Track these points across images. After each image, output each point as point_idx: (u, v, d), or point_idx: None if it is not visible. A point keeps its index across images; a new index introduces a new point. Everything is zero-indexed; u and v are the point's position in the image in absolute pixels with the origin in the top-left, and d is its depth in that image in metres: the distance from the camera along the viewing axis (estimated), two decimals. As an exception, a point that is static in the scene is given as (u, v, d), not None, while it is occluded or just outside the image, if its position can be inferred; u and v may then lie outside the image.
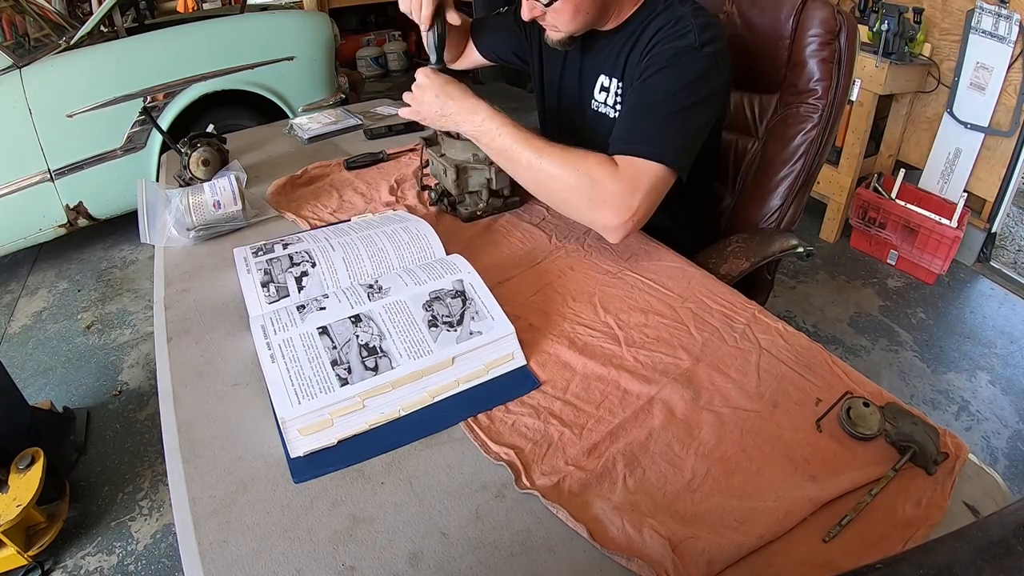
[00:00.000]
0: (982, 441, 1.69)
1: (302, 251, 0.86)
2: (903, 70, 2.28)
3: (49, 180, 2.31)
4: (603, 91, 1.06)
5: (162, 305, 0.88)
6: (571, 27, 0.97)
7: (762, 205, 1.16)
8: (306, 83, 2.67)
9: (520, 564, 0.53)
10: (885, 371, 1.94)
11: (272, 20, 2.69)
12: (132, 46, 2.38)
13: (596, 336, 0.78)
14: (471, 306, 0.75)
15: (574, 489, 0.58)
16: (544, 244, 0.99)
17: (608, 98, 1.05)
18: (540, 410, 0.67)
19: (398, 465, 0.62)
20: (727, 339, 0.77)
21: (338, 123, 1.50)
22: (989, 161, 2.27)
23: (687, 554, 0.52)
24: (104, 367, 2.03)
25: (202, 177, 1.16)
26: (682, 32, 0.91)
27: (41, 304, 2.39)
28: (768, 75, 1.15)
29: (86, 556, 1.44)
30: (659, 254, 0.95)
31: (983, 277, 2.39)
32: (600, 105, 1.07)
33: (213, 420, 0.68)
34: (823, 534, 0.54)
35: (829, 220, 2.60)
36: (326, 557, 0.53)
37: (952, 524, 0.54)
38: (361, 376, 0.66)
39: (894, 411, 0.63)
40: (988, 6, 2.11)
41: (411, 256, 0.87)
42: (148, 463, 1.67)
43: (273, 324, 0.72)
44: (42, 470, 1.40)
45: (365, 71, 4.92)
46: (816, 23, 1.07)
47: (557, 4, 0.92)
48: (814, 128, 1.09)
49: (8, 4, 2.44)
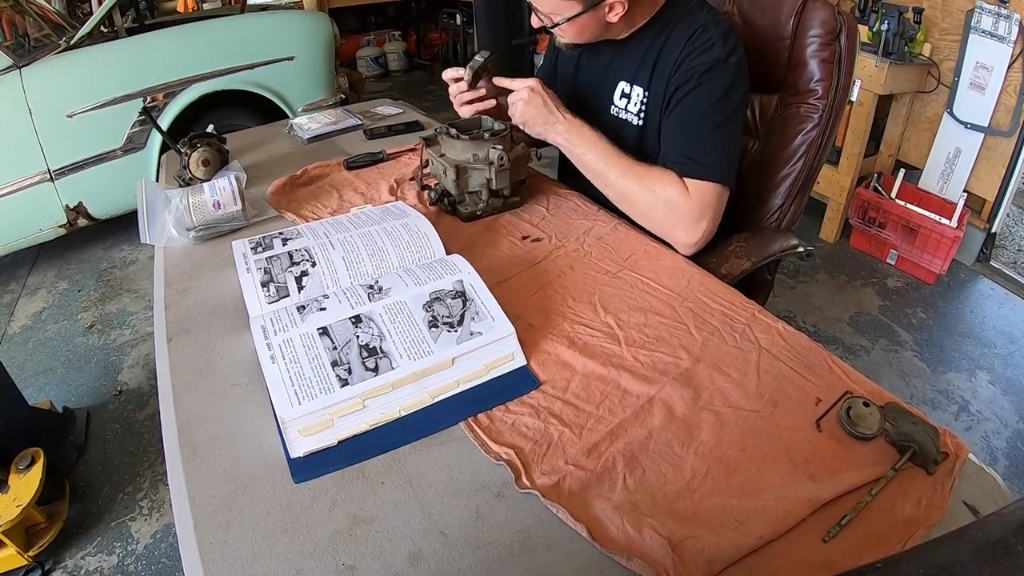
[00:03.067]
0: (982, 441, 1.69)
1: (302, 249, 0.86)
2: (903, 70, 2.28)
3: (49, 180, 2.30)
4: (623, 97, 1.08)
5: (162, 305, 0.88)
6: (577, 41, 1.04)
7: (762, 205, 1.16)
8: (306, 83, 2.67)
9: (520, 564, 0.53)
10: (885, 371, 1.94)
11: (272, 20, 2.69)
12: (132, 46, 2.38)
13: (596, 336, 0.78)
14: (471, 306, 0.75)
15: (574, 489, 0.58)
16: (544, 244, 0.99)
17: (630, 105, 1.07)
18: (540, 410, 0.67)
19: (398, 465, 0.62)
20: (727, 339, 0.77)
21: (338, 123, 1.49)
22: (989, 161, 2.27)
23: (687, 554, 0.52)
24: (104, 367, 2.03)
25: (202, 177, 1.16)
26: (708, 44, 0.96)
27: (41, 304, 2.38)
28: (768, 75, 1.15)
29: (86, 556, 1.44)
30: (659, 254, 0.95)
31: (983, 277, 2.39)
32: (621, 111, 1.09)
33: (213, 420, 0.68)
34: (823, 534, 0.54)
35: (829, 220, 2.60)
36: (326, 557, 0.53)
37: (952, 524, 0.54)
38: (361, 377, 0.66)
39: (894, 411, 0.63)
40: (988, 6, 2.11)
41: (411, 256, 0.87)
42: (148, 463, 1.67)
43: (273, 324, 0.72)
44: (42, 470, 1.40)
45: (365, 71, 4.92)
46: (816, 23, 1.07)
47: (562, 26, 0.99)
48: (814, 128, 1.09)
49: (8, 4, 2.44)
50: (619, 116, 1.09)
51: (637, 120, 1.07)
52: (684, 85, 0.97)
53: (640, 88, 1.05)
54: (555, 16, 0.98)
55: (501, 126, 1.06)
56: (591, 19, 0.98)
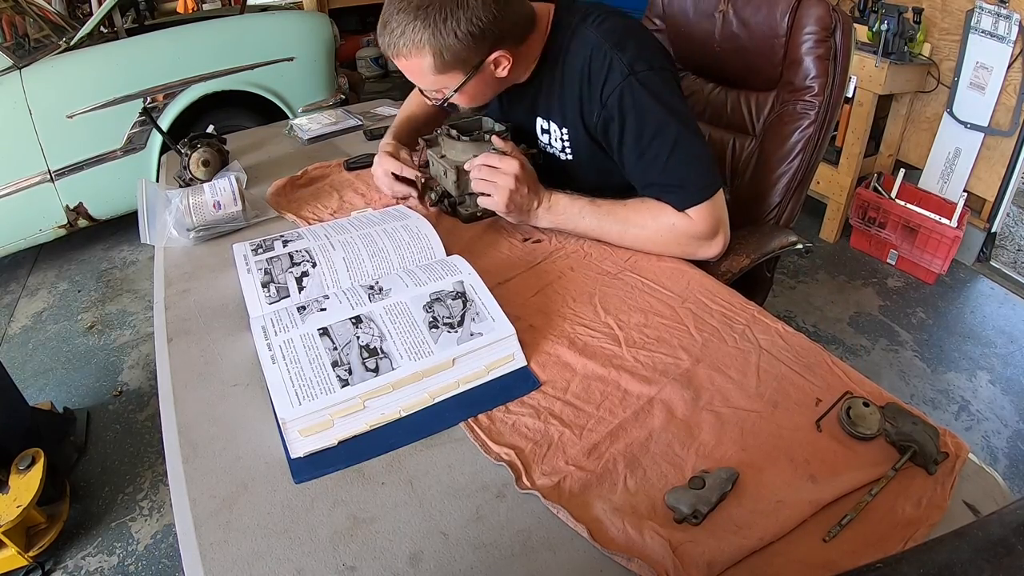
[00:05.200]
0: (982, 441, 1.69)
1: (302, 250, 0.86)
2: (903, 70, 2.27)
3: (49, 181, 2.30)
4: (544, 133, 1.06)
5: (162, 306, 0.88)
6: (477, 104, 1.01)
7: (760, 202, 1.16)
8: (306, 83, 2.67)
9: (520, 564, 0.53)
10: (885, 371, 1.94)
11: (272, 20, 2.69)
12: (132, 47, 2.38)
13: (596, 337, 0.78)
14: (472, 307, 0.75)
15: (574, 489, 0.58)
16: (544, 245, 0.99)
17: (553, 140, 1.05)
18: (540, 410, 0.67)
19: (398, 465, 0.62)
20: (727, 339, 0.77)
21: (338, 124, 1.50)
22: (989, 161, 2.27)
23: (687, 555, 0.52)
24: (104, 368, 2.03)
25: (202, 178, 1.16)
26: (605, 64, 0.90)
27: (41, 305, 2.38)
28: (764, 73, 1.15)
29: (86, 556, 1.44)
30: (659, 255, 0.95)
31: (983, 277, 2.39)
32: (546, 146, 1.07)
33: (213, 420, 0.68)
34: (823, 534, 0.54)
35: (829, 220, 2.60)
36: (326, 557, 0.54)
37: (952, 524, 0.54)
38: (362, 377, 0.67)
39: (894, 411, 0.63)
40: (988, 6, 2.11)
41: (412, 256, 0.87)
42: (148, 463, 1.67)
43: (274, 325, 0.72)
44: (42, 471, 1.40)
45: (365, 71, 4.91)
46: (812, 20, 1.07)
47: (453, 99, 0.95)
48: (811, 125, 1.10)
49: (8, 4, 2.43)
50: (546, 151, 1.07)
51: (564, 155, 1.04)
52: (611, 123, 0.92)
53: (555, 124, 1.02)
54: (445, 90, 0.93)
55: (502, 127, 1.06)
56: (480, 82, 0.93)
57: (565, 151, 1.03)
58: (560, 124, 1.01)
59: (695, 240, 0.93)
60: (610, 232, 0.95)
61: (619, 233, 0.95)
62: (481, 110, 1.09)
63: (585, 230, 0.96)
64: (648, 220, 0.93)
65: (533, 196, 0.94)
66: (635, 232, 0.94)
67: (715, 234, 0.93)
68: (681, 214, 0.92)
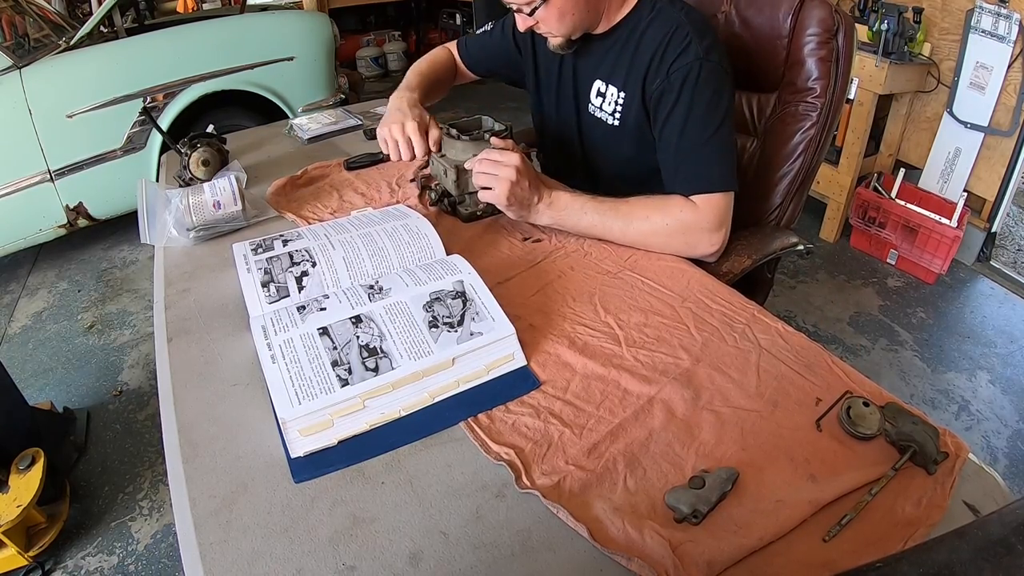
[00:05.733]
0: (982, 441, 1.69)
1: (302, 249, 0.86)
2: (903, 70, 2.28)
3: (49, 180, 2.30)
4: (599, 96, 1.07)
5: (162, 305, 0.88)
6: (561, 30, 1.00)
7: (762, 203, 1.16)
8: (306, 83, 2.67)
9: (520, 564, 0.53)
10: (885, 371, 1.94)
11: (272, 20, 2.69)
12: (132, 46, 2.38)
13: (596, 336, 0.78)
14: (471, 307, 0.75)
15: (574, 489, 0.58)
16: (544, 244, 0.99)
17: (605, 104, 1.06)
18: (540, 410, 0.67)
19: (398, 465, 0.62)
20: (727, 339, 0.77)
21: (338, 123, 1.49)
22: (989, 161, 2.27)
23: (687, 555, 0.52)
24: (104, 367, 2.03)
25: (202, 177, 1.16)
26: (683, 43, 0.94)
27: (41, 304, 2.38)
28: (766, 74, 1.15)
29: (86, 556, 1.45)
30: (659, 255, 0.95)
31: (983, 277, 2.39)
32: (596, 110, 1.08)
33: (213, 420, 0.68)
34: (823, 534, 0.54)
35: (829, 220, 2.60)
36: (326, 557, 0.53)
37: (952, 523, 0.54)
38: (361, 377, 0.66)
39: (894, 411, 0.63)
40: (988, 6, 2.10)
41: (411, 256, 0.87)
42: (148, 463, 1.67)
43: (273, 325, 0.72)
44: (42, 470, 1.40)
45: (365, 71, 4.91)
46: (814, 22, 1.07)
47: (540, 12, 0.95)
48: (813, 126, 1.10)
49: (8, 4, 2.43)
50: (595, 115, 1.09)
51: (612, 120, 1.06)
52: (668, 94, 0.95)
53: (615, 88, 1.04)
54: (534, 1, 0.94)
55: (502, 126, 1.06)
56: None
57: (615, 115, 1.05)
58: (620, 87, 1.03)
59: (698, 231, 0.94)
60: (612, 228, 0.95)
61: (622, 229, 0.95)
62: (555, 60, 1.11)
63: (587, 227, 0.96)
64: (652, 212, 0.94)
65: (534, 191, 0.94)
66: (638, 225, 0.94)
67: (717, 229, 0.94)
68: (688, 203, 0.94)
